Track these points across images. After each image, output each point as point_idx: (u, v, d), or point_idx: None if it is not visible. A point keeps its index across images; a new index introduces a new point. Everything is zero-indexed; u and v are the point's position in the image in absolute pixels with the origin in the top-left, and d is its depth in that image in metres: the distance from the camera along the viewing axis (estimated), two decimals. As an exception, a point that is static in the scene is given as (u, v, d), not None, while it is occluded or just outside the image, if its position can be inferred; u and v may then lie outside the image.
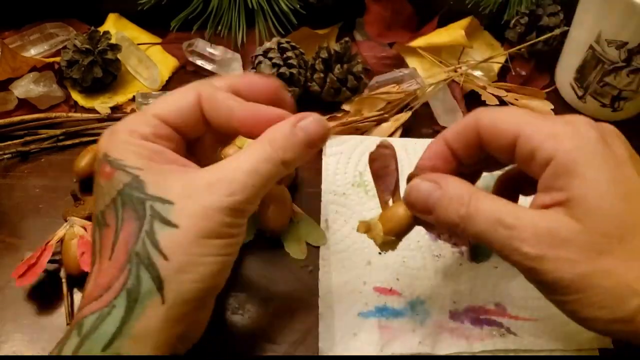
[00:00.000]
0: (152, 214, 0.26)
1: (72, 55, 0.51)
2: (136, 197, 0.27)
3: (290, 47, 0.50)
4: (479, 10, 0.55)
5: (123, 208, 0.27)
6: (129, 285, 0.26)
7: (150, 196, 0.27)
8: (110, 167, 0.28)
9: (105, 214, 0.28)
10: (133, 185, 0.27)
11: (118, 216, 0.27)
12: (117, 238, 0.27)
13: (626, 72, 0.46)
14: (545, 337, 0.37)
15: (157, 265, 0.26)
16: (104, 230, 0.27)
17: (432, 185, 0.28)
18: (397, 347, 0.36)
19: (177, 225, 0.26)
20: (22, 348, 0.37)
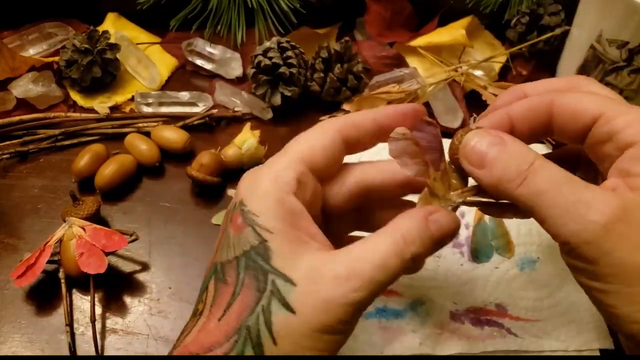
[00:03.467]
0: (273, 291, 0.25)
1: (71, 55, 0.51)
2: (260, 265, 0.25)
3: (290, 47, 0.50)
4: (479, 9, 0.55)
5: (245, 272, 0.26)
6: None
7: (274, 270, 0.25)
8: (242, 221, 0.27)
9: (226, 269, 0.27)
10: (260, 251, 0.26)
11: (239, 278, 0.26)
12: (233, 302, 0.25)
13: (627, 72, 0.46)
14: (546, 337, 0.37)
15: (264, 348, 0.25)
16: (220, 286, 0.26)
17: (495, 138, 0.27)
18: (397, 347, 0.36)
19: (295, 311, 0.25)
20: (21, 348, 0.37)
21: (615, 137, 0.26)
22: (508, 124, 0.29)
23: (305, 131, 0.30)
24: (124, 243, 0.39)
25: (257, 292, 0.25)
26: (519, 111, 0.29)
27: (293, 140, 0.29)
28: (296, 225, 0.26)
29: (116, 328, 0.38)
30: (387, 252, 0.25)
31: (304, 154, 0.28)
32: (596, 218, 0.23)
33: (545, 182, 0.24)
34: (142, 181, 0.47)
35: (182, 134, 0.47)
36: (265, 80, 0.49)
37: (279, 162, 0.28)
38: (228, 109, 0.51)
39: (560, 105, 0.28)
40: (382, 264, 0.25)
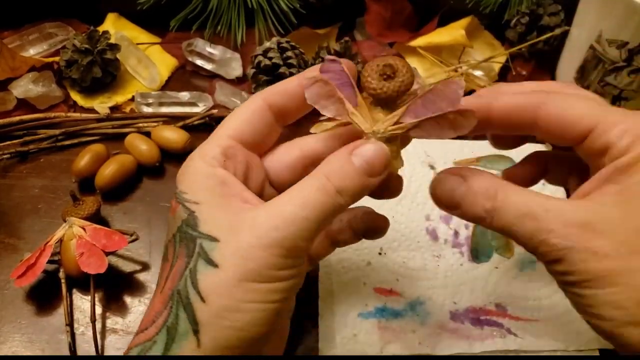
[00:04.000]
0: (199, 252, 0.25)
1: (71, 55, 0.51)
2: (190, 234, 0.26)
3: (290, 47, 0.50)
4: (479, 9, 0.55)
5: (180, 244, 0.26)
6: (169, 323, 0.25)
7: (200, 234, 0.26)
8: (175, 202, 0.28)
9: (167, 249, 0.27)
10: (189, 221, 0.26)
11: (175, 252, 0.26)
12: (170, 273, 0.26)
13: (627, 72, 0.46)
14: (545, 337, 0.37)
15: (194, 307, 0.25)
16: (163, 264, 0.27)
17: (457, 179, 0.27)
18: (397, 347, 0.36)
19: (217, 265, 0.25)
20: (21, 348, 0.37)
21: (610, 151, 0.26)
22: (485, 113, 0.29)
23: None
24: (124, 243, 0.39)
25: (187, 257, 0.26)
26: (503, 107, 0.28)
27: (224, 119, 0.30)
28: (227, 193, 0.27)
29: (116, 328, 0.38)
30: (309, 188, 0.25)
31: (229, 129, 0.29)
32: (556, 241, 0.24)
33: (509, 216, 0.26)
34: (142, 181, 0.47)
35: (182, 134, 0.47)
36: (265, 80, 0.49)
37: (206, 143, 0.29)
38: (228, 109, 0.51)
39: (548, 113, 0.27)
40: (303, 200, 0.25)
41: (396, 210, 0.42)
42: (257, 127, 0.30)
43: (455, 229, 0.41)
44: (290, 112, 0.31)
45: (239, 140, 0.29)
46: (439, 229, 0.41)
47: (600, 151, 0.26)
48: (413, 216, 0.42)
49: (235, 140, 0.29)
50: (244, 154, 0.30)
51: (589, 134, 0.26)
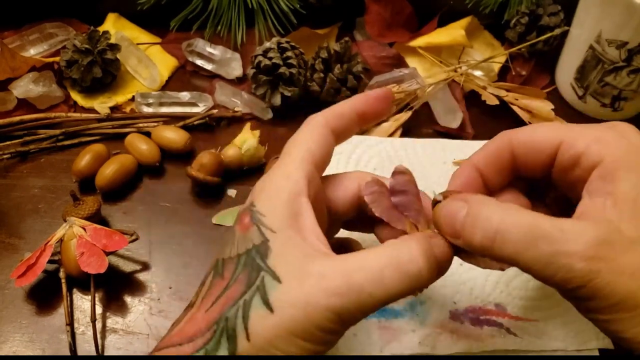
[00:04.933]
0: (259, 286, 0.24)
1: (71, 55, 0.51)
2: (257, 263, 0.25)
3: (290, 47, 0.50)
4: (479, 9, 0.55)
5: (242, 269, 0.26)
6: (209, 347, 0.24)
7: (267, 267, 0.25)
8: (249, 220, 0.27)
9: (226, 264, 0.26)
10: (260, 250, 0.26)
11: (235, 274, 0.26)
12: (222, 295, 0.25)
13: (626, 72, 0.46)
14: (545, 337, 0.37)
15: (238, 342, 0.24)
16: (217, 279, 0.26)
17: (460, 203, 0.26)
18: (397, 347, 0.36)
19: (273, 309, 0.24)
20: (22, 348, 0.37)
21: (581, 160, 0.26)
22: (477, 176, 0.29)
23: (297, 132, 0.30)
24: (125, 243, 0.39)
25: (246, 287, 0.25)
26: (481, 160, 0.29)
27: (290, 143, 0.29)
28: (300, 225, 0.26)
29: (116, 328, 0.38)
30: (385, 264, 0.24)
31: (306, 153, 0.28)
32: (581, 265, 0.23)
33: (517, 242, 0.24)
34: (142, 181, 0.47)
35: (183, 134, 0.47)
36: (265, 80, 0.50)
37: (289, 163, 0.28)
38: (228, 109, 0.51)
39: (519, 142, 0.28)
40: (377, 276, 0.24)
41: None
42: (326, 152, 0.29)
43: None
44: (344, 135, 0.31)
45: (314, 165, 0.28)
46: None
47: (572, 163, 0.26)
48: (413, 216, 0.42)
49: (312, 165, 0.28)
50: (318, 180, 0.29)
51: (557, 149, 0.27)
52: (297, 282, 0.24)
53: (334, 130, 0.30)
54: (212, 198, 0.45)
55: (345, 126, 0.30)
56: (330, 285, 0.24)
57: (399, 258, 0.24)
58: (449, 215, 0.26)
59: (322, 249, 0.26)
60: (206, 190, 0.45)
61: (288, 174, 0.27)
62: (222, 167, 0.45)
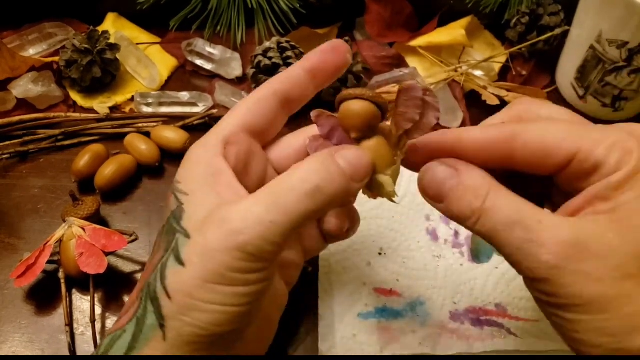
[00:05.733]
0: (173, 247, 0.25)
1: (71, 55, 0.51)
2: (174, 227, 0.26)
3: (290, 47, 0.50)
4: (479, 9, 0.55)
5: (163, 237, 0.27)
6: (138, 314, 0.25)
7: (181, 228, 0.26)
8: (170, 191, 0.28)
9: (156, 240, 0.28)
10: (176, 214, 0.26)
11: (158, 244, 0.27)
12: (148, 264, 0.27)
13: (627, 72, 0.46)
14: (545, 338, 0.37)
15: (161, 302, 0.25)
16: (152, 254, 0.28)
17: (450, 170, 0.25)
18: (397, 348, 0.36)
19: (184, 263, 0.25)
20: (21, 348, 0.37)
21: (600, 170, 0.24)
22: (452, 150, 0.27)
23: None
24: (124, 243, 0.39)
25: (164, 251, 0.26)
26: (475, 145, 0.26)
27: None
28: (217, 183, 0.27)
29: (116, 328, 0.38)
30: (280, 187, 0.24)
31: (234, 117, 0.29)
32: (547, 258, 0.23)
33: (498, 221, 0.24)
34: (142, 181, 0.47)
35: (182, 134, 0.47)
36: (265, 80, 0.49)
37: (210, 132, 0.29)
38: (228, 109, 0.51)
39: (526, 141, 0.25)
40: (273, 200, 0.24)
41: (396, 210, 0.42)
42: (262, 113, 0.30)
43: (456, 229, 0.41)
44: (295, 98, 0.30)
45: (243, 128, 0.29)
46: (439, 229, 0.41)
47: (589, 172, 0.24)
48: (413, 216, 0.42)
49: (239, 128, 0.29)
50: (247, 141, 0.29)
51: (574, 157, 0.24)
52: (201, 232, 0.25)
53: (280, 91, 0.30)
54: (212, 198, 0.45)
55: (294, 87, 0.30)
56: (230, 226, 0.24)
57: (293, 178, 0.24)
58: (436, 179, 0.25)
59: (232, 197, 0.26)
60: (206, 190, 0.45)
61: (205, 142, 0.28)
62: (221, 167, 0.45)
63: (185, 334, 0.24)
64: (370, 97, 0.26)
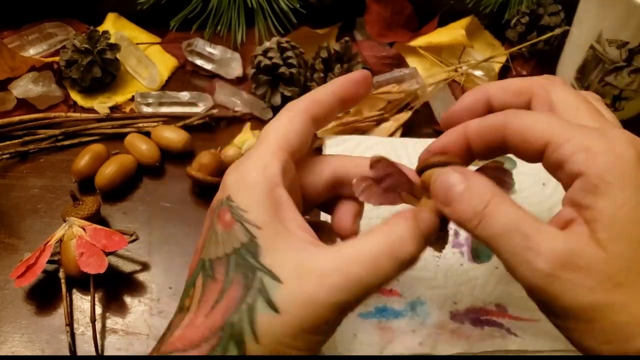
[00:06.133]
0: (260, 289, 0.25)
1: (71, 55, 0.51)
2: (250, 263, 0.25)
3: (290, 47, 0.50)
4: (479, 9, 0.55)
5: (236, 270, 0.26)
6: (216, 352, 0.25)
7: (262, 267, 0.25)
8: (231, 217, 0.27)
9: (215, 266, 0.26)
10: (249, 248, 0.26)
11: (228, 275, 0.26)
12: (221, 298, 0.25)
13: (627, 72, 0.46)
14: (545, 337, 0.37)
15: (247, 346, 0.24)
16: (209, 282, 0.26)
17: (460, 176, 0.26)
18: (397, 347, 0.36)
19: (279, 310, 0.24)
20: (21, 348, 0.37)
21: (565, 166, 0.25)
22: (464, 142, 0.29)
23: (275, 118, 0.30)
24: (124, 243, 0.39)
25: (245, 289, 0.25)
26: (474, 130, 0.29)
27: (266, 129, 0.30)
28: (283, 217, 0.27)
29: (116, 328, 0.38)
30: (379, 252, 0.25)
31: (283, 141, 0.29)
32: (542, 266, 0.23)
33: (498, 226, 0.25)
34: (142, 181, 0.47)
35: (182, 134, 0.47)
36: (265, 80, 0.49)
37: (264, 153, 0.28)
38: (228, 109, 0.51)
39: (512, 130, 0.28)
40: (373, 265, 0.25)
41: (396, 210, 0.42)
42: (303, 139, 0.29)
43: (456, 229, 0.41)
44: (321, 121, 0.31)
45: (289, 153, 0.29)
46: (439, 229, 0.41)
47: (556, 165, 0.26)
48: (413, 216, 0.42)
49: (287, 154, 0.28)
50: (293, 168, 0.29)
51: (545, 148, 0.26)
52: (297, 280, 0.25)
53: (314, 116, 0.30)
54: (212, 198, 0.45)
55: (326, 112, 0.30)
56: (331, 281, 0.24)
57: (391, 245, 0.25)
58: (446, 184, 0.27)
59: (310, 239, 0.26)
60: (206, 190, 0.45)
61: (264, 166, 0.27)
62: (222, 167, 0.45)
63: None
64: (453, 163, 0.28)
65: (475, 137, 0.29)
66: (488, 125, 0.29)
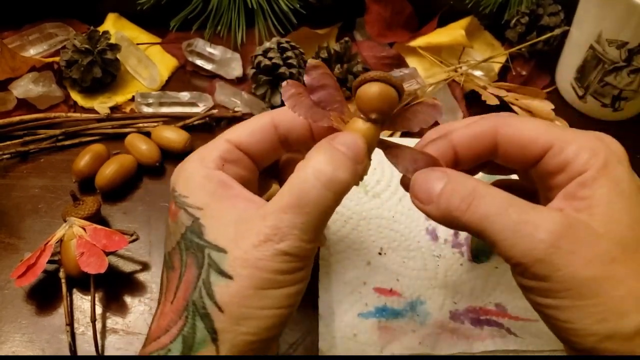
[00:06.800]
0: (210, 263, 0.26)
1: (71, 55, 0.51)
2: (196, 243, 0.26)
3: (290, 47, 0.50)
4: (479, 9, 0.55)
5: (186, 253, 0.27)
6: (185, 332, 0.25)
7: (208, 243, 0.26)
8: (175, 206, 0.28)
9: (172, 256, 0.28)
10: (194, 229, 0.27)
11: (182, 260, 0.27)
12: (180, 283, 0.26)
13: (627, 72, 0.46)
14: (545, 337, 0.37)
15: (212, 317, 0.25)
16: (170, 272, 0.27)
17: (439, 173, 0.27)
18: (397, 347, 0.36)
19: (231, 276, 0.25)
20: (22, 348, 0.37)
21: (568, 168, 0.26)
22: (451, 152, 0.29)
23: None
24: (125, 243, 0.39)
25: (198, 267, 0.26)
26: (462, 139, 0.29)
27: None
28: (225, 195, 0.27)
29: (116, 328, 0.38)
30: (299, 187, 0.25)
31: (232, 136, 0.29)
32: (544, 236, 0.24)
33: (490, 205, 0.25)
34: (142, 181, 0.47)
35: (183, 134, 0.47)
36: (265, 80, 0.50)
37: (204, 147, 0.30)
38: (228, 109, 0.51)
39: (506, 135, 0.28)
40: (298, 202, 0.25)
41: (396, 210, 0.42)
42: (259, 139, 0.30)
43: (455, 229, 0.42)
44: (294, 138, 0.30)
45: (238, 147, 0.29)
46: (439, 229, 0.41)
47: (558, 168, 0.26)
48: (413, 216, 0.42)
49: (234, 146, 0.29)
50: (245, 161, 0.30)
51: (546, 152, 0.27)
52: (238, 245, 0.25)
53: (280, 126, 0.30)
54: (212, 198, 0.45)
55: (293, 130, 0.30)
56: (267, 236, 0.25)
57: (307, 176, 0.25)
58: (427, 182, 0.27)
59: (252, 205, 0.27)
60: (206, 190, 0.45)
61: (202, 157, 0.29)
62: (222, 167, 0.45)
63: (238, 343, 0.25)
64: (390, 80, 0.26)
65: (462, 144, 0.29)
66: (475, 133, 0.29)
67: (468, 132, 0.29)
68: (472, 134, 0.29)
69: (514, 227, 0.24)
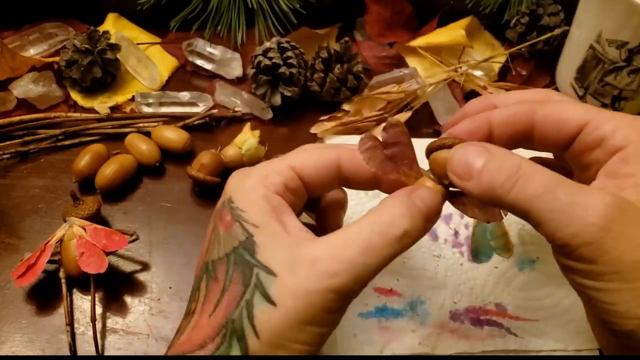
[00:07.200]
0: (257, 283, 0.25)
1: (71, 55, 0.51)
2: (247, 260, 0.26)
3: (290, 47, 0.50)
4: (479, 9, 0.55)
5: (234, 267, 0.26)
6: (221, 351, 0.25)
7: (259, 263, 0.26)
8: (231, 217, 0.27)
9: (217, 266, 0.27)
10: (247, 246, 0.26)
11: (228, 274, 0.26)
12: (222, 297, 0.26)
13: (627, 72, 0.46)
14: (545, 337, 0.37)
15: (248, 341, 0.25)
16: (211, 282, 0.27)
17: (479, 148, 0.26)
18: (397, 347, 0.36)
19: (275, 303, 0.25)
20: (22, 348, 0.37)
21: (605, 143, 0.26)
22: (487, 130, 0.29)
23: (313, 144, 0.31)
24: (125, 243, 0.39)
25: (243, 286, 0.25)
26: (500, 119, 0.29)
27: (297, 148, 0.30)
28: (280, 219, 0.27)
29: (116, 328, 0.38)
30: (371, 231, 0.25)
31: (296, 164, 0.29)
32: (595, 220, 0.23)
33: (538, 186, 0.24)
34: (142, 181, 0.47)
35: (183, 134, 0.47)
36: (265, 80, 0.50)
37: (271, 165, 0.29)
38: (228, 109, 0.51)
39: (544, 115, 0.28)
40: (365, 244, 0.25)
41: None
42: (321, 175, 0.30)
43: (455, 229, 0.42)
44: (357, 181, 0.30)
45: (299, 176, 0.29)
46: (439, 229, 0.41)
47: (594, 143, 0.27)
48: (413, 216, 0.42)
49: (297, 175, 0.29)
50: (302, 190, 0.30)
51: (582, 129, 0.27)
52: (291, 272, 0.25)
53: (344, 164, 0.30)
54: (212, 198, 0.45)
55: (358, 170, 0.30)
56: (323, 268, 0.24)
57: (383, 223, 0.25)
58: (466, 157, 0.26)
59: (306, 235, 0.27)
60: (206, 190, 0.45)
61: (265, 175, 0.28)
62: (222, 167, 0.45)
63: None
64: None
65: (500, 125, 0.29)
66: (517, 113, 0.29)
67: (506, 113, 0.29)
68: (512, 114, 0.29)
69: (563, 208, 0.23)
